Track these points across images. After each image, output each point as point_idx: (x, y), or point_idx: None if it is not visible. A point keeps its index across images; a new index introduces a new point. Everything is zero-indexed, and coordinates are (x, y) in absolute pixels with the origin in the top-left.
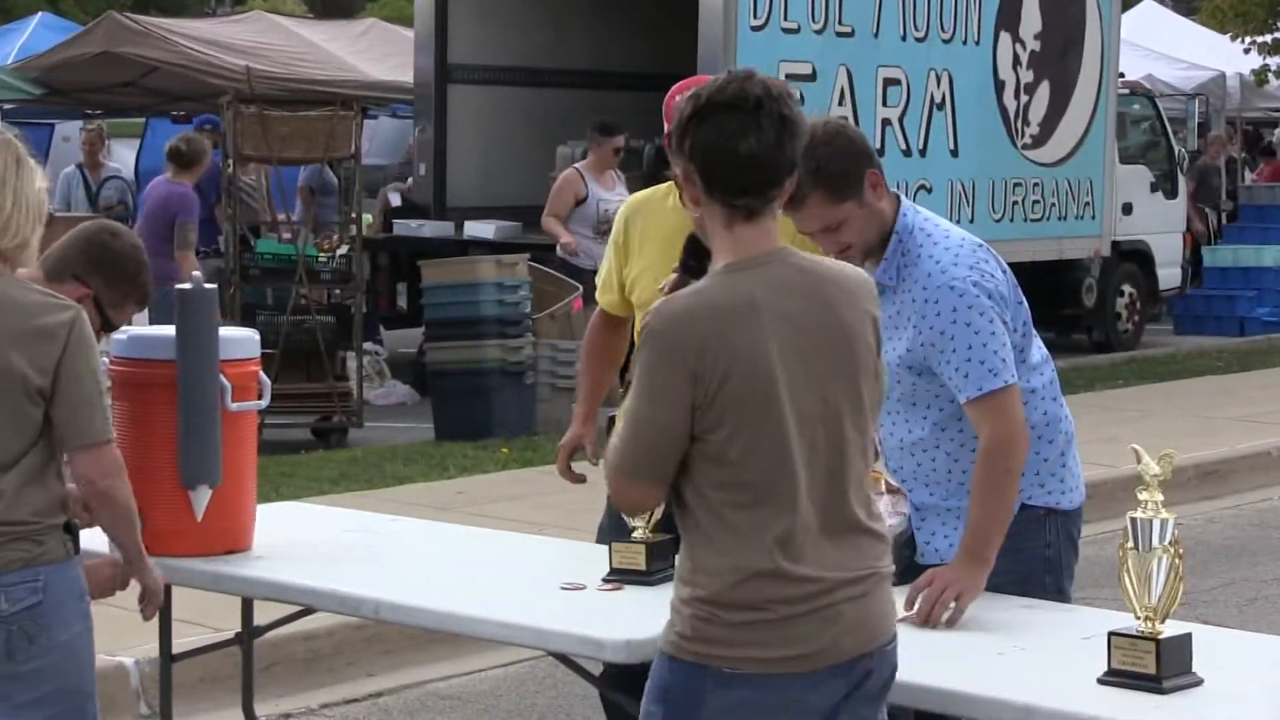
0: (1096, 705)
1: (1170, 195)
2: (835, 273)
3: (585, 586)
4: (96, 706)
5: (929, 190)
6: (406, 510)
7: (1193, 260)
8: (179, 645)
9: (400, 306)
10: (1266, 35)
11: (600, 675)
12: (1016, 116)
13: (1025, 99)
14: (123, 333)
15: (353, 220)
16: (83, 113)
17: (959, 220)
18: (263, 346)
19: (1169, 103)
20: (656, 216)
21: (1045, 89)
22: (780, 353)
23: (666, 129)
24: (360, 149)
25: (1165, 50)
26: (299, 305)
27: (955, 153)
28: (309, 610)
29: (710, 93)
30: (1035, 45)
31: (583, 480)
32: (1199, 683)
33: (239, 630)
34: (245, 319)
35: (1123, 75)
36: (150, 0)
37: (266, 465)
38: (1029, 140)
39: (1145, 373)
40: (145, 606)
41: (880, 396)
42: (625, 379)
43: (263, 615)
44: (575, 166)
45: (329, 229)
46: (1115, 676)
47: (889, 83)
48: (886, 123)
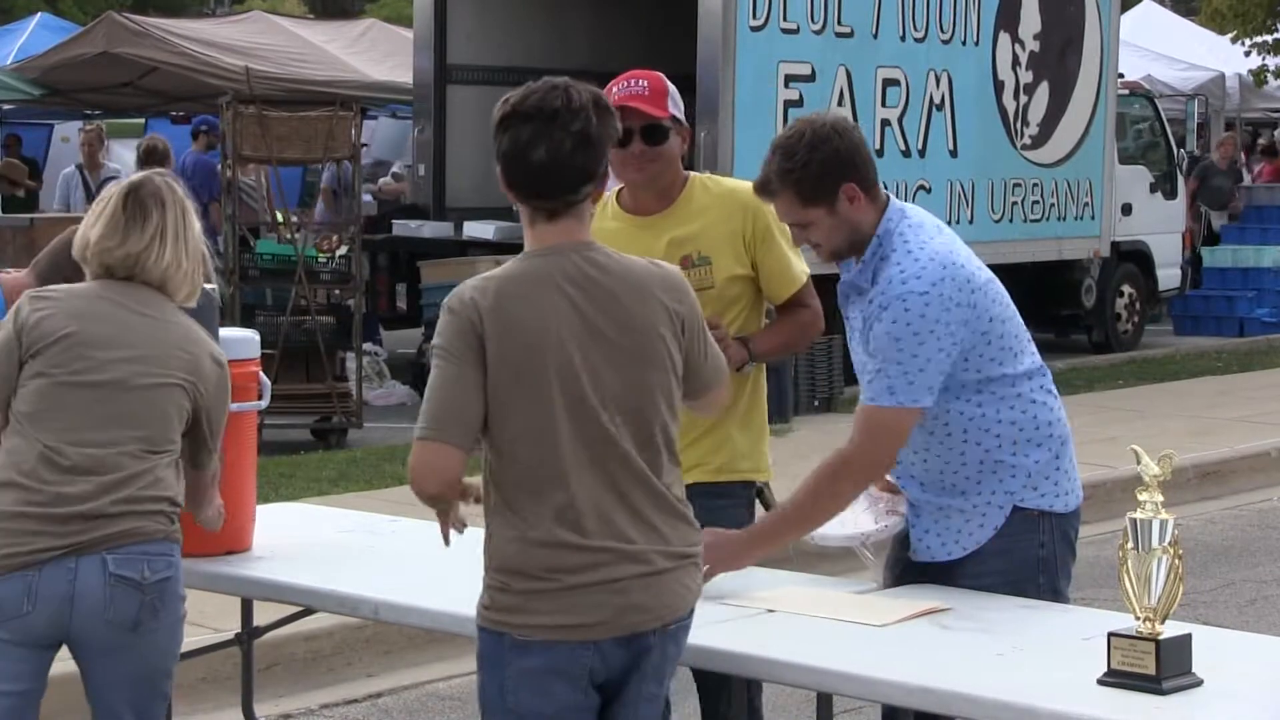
0: (1096, 706)
1: (1170, 196)
2: (637, 270)
3: None
4: (171, 688)
5: (928, 190)
6: (406, 511)
7: (1192, 261)
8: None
9: (400, 307)
10: (1265, 36)
11: None
12: (1016, 117)
13: (1024, 99)
14: None
15: (351, 220)
16: (82, 113)
17: (958, 221)
18: (262, 347)
19: (1168, 103)
20: (598, 226)
21: (1044, 89)
22: (560, 334)
23: None
24: (359, 149)
25: (1164, 51)
26: (298, 306)
27: (954, 153)
28: (309, 611)
29: (515, 101)
30: (1034, 46)
31: None
32: (1199, 683)
33: (239, 630)
34: (245, 319)
35: (1122, 76)
36: (149, 1)
37: (266, 466)
38: (1028, 141)
39: (1145, 373)
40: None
41: (674, 388)
42: None
43: (262, 616)
44: None
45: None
46: (1115, 677)
47: (888, 83)
48: (886, 123)
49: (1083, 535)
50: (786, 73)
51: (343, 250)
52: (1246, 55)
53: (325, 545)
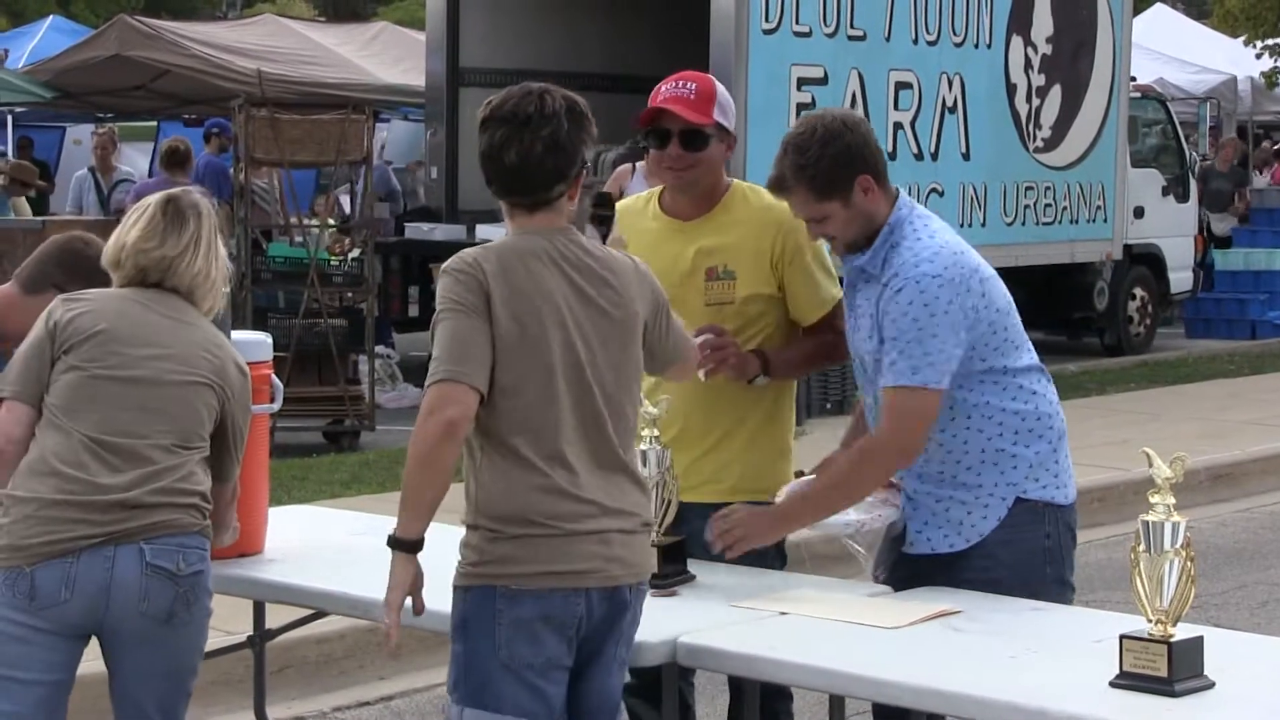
0: (1108, 708)
1: (1182, 199)
2: (615, 255)
3: None
4: (194, 686)
5: (941, 194)
6: None
7: (1203, 263)
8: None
9: (412, 310)
10: (1277, 38)
11: None
12: (1028, 120)
13: (1037, 102)
14: None
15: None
16: (94, 116)
17: (970, 224)
18: (274, 350)
19: (1180, 106)
20: (637, 223)
21: (1057, 92)
22: (558, 302)
23: None
24: (371, 152)
25: (1176, 54)
26: (311, 308)
27: (967, 156)
28: (321, 613)
29: (494, 104)
30: (1047, 49)
31: None
32: (1211, 686)
33: (251, 633)
34: (257, 322)
35: (1134, 79)
36: (161, 3)
37: (278, 468)
38: (1041, 144)
39: (1157, 376)
40: None
41: (642, 368)
42: None
43: (274, 618)
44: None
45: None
46: (1127, 679)
47: (901, 86)
48: (898, 126)
49: (1094, 537)
50: (799, 75)
51: (355, 253)
52: (1258, 58)
53: (337, 548)
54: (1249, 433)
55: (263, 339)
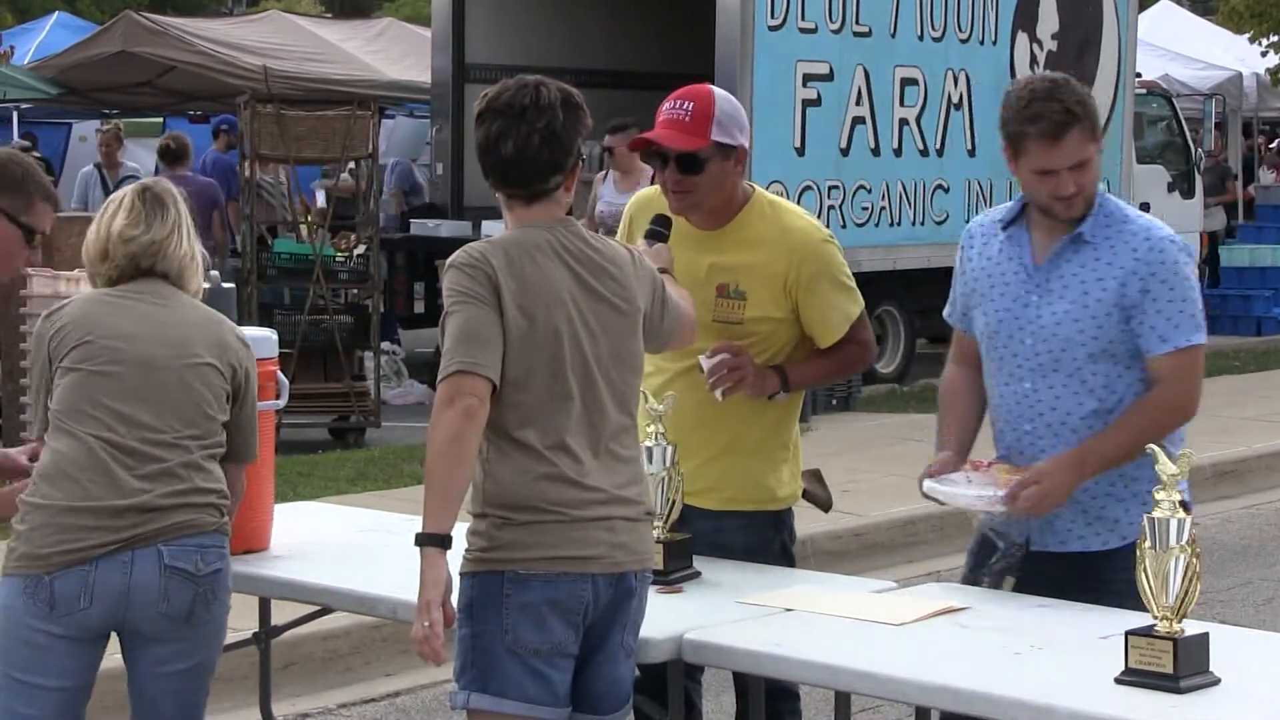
0: (1114, 705)
1: (1187, 195)
2: (614, 246)
3: None
4: (211, 683)
5: (946, 190)
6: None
7: (1209, 260)
8: None
9: (418, 306)
10: None
11: None
12: None
13: None
14: None
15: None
16: (99, 112)
17: None
18: (280, 346)
19: (1185, 103)
20: (657, 211)
21: None
22: (565, 295)
23: None
24: (377, 148)
25: (1182, 50)
26: (316, 305)
27: (973, 152)
28: (326, 610)
29: (490, 96)
30: (1053, 45)
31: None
32: (1216, 682)
33: (256, 630)
34: (262, 318)
35: (1140, 75)
36: (167, 0)
37: (284, 465)
38: None
39: None
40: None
41: (639, 354)
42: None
43: (280, 615)
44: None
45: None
46: (1133, 676)
47: (906, 82)
48: (904, 122)
49: None
50: (804, 72)
51: (360, 249)
52: (1263, 55)
53: (343, 545)
54: (1254, 429)
55: (268, 335)
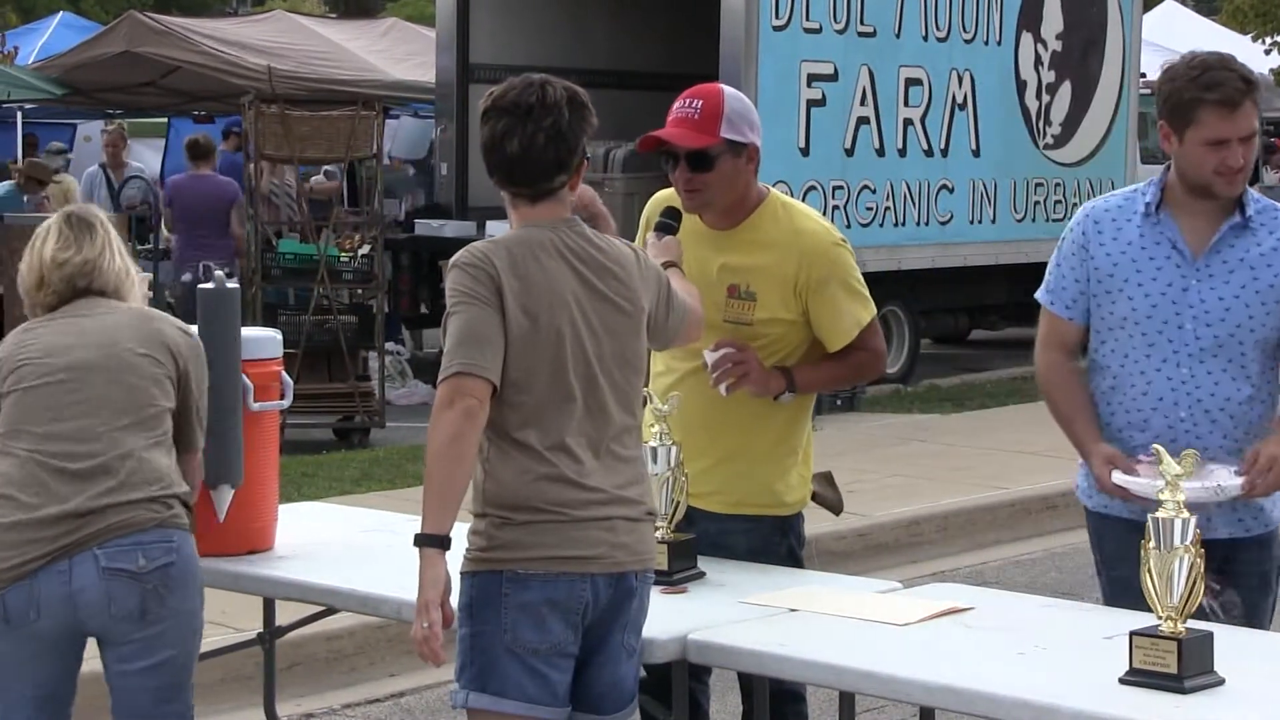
0: (1118, 705)
1: None
2: (618, 245)
3: None
4: (193, 681)
5: (951, 190)
6: None
7: None
8: (201, 645)
9: (422, 306)
10: None
11: None
12: (1038, 116)
13: (1047, 99)
14: None
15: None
16: (104, 112)
17: (980, 221)
18: (284, 346)
19: None
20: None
21: (1067, 89)
22: (568, 295)
23: None
24: (381, 149)
25: (1186, 50)
26: (321, 305)
27: (977, 153)
28: (331, 610)
29: (496, 95)
30: (1057, 45)
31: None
32: (1220, 682)
33: (260, 630)
34: (267, 319)
35: (1144, 75)
36: (171, 0)
37: (288, 465)
38: (1051, 140)
39: None
40: None
41: (642, 355)
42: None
43: (284, 615)
44: None
45: None
46: (1137, 676)
47: (911, 82)
48: (908, 123)
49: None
50: (809, 72)
51: (365, 250)
52: (1267, 54)
53: (347, 545)
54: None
55: (273, 335)
